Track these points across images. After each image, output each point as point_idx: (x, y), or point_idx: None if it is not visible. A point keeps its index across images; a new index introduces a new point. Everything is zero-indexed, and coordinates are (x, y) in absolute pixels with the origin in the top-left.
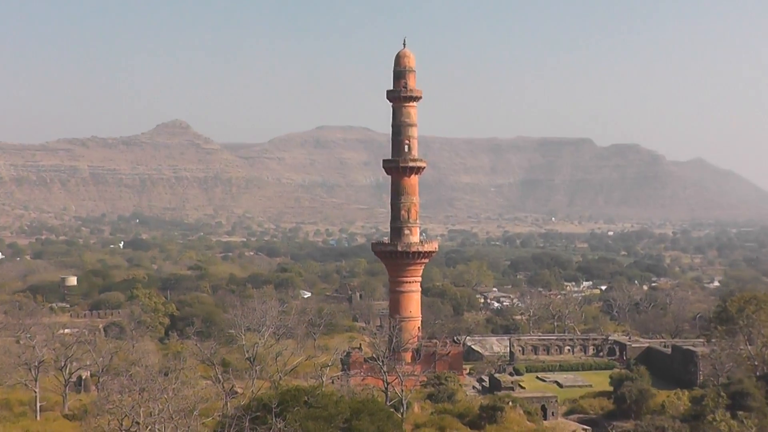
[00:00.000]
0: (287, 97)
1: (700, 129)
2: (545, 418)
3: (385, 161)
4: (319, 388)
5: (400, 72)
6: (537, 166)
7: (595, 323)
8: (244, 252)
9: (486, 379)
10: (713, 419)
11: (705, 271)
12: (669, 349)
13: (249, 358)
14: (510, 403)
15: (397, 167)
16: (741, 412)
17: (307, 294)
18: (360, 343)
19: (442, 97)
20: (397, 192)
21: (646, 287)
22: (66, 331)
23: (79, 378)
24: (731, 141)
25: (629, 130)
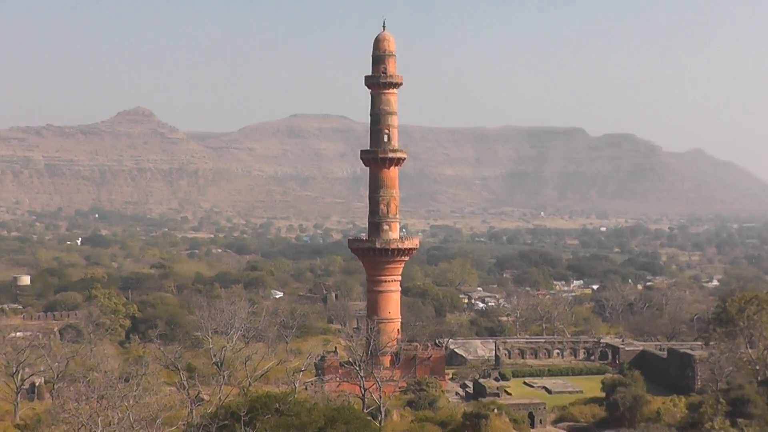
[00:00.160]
0: (259, 83)
1: (699, 118)
2: (533, 426)
3: (363, 152)
4: (292, 394)
5: (380, 56)
6: (525, 158)
7: (587, 325)
8: (211, 249)
9: (470, 384)
10: (712, 427)
11: (704, 269)
12: (665, 353)
13: (216, 363)
14: (495, 410)
15: (376, 158)
16: (741, 420)
17: (278, 294)
18: (335, 347)
19: (425, 83)
20: (375, 185)
21: (640, 287)
22: (18, 334)
23: (32, 385)
24: (732, 131)
25: (624, 120)
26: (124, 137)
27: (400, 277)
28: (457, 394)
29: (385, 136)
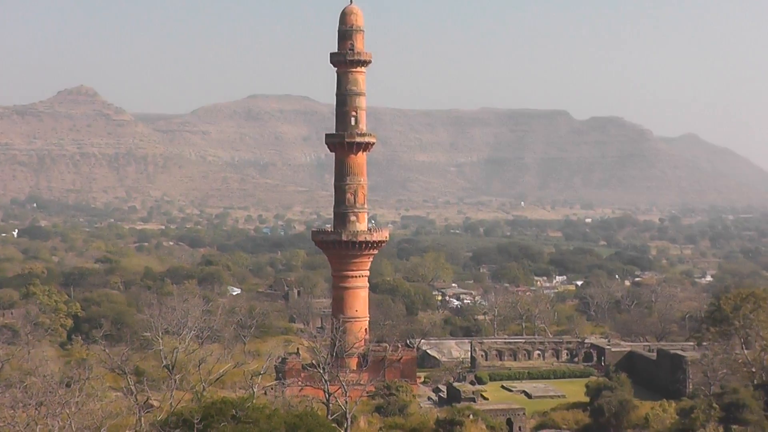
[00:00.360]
0: (213, 61)
1: (693, 100)
2: None
3: (327, 136)
4: (250, 400)
5: (346, 32)
6: (504, 143)
7: (570, 324)
8: (162, 242)
9: (443, 388)
10: None
11: (696, 264)
12: (654, 354)
13: (167, 366)
14: (471, 416)
15: (343, 143)
16: (736, 427)
17: (236, 291)
18: (297, 348)
19: (395, 61)
20: (341, 172)
21: (628, 283)
22: None
23: None
24: (729, 114)
25: (611, 102)
26: (65, 119)
27: (368, 273)
28: (429, 399)
29: (353, 119)
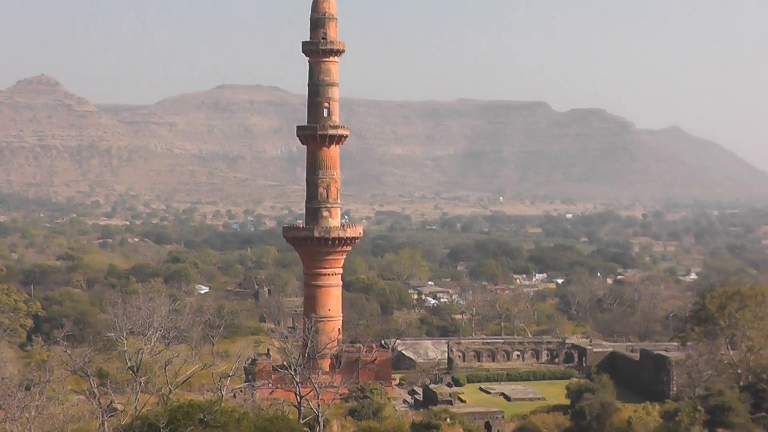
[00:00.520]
0: (180, 49)
1: (676, 91)
2: None
3: (299, 128)
4: (218, 403)
5: (319, 20)
6: (482, 135)
7: (550, 324)
8: (126, 238)
9: (419, 391)
10: None
11: (680, 261)
12: (637, 355)
13: (132, 368)
14: (448, 419)
15: (315, 135)
16: (721, 429)
17: (204, 289)
18: (268, 349)
19: (369, 51)
20: (314, 165)
21: (610, 280)
22: None
23: None
24: (714, 106)
25: (592, 93)
26: (25, 109)
27: (341, 270)
28: (405, 401)
29: (325, 111)
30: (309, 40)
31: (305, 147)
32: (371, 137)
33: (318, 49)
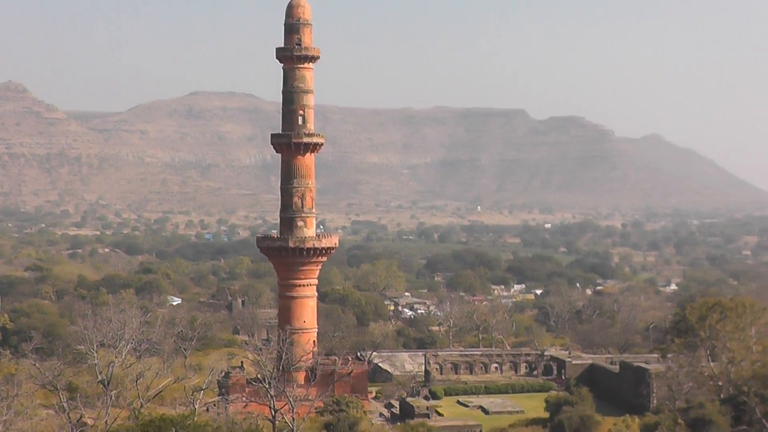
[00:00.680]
0: (152, 56)
1: (656, 99)
2: None
3: (273, 136)
4: (191, 417)
5: (293, 26)
6: (459, 143)
7: (529, 335)
8: (97, 248)
9: (396, 404)
10: None
11: (660, 271)
12: (617, 367)
13: (102, 381)
14: None
15: (289, 143)
16: None
17: (176, 300)
18: (242, 361)
19: (345, 57)
20: (288, 174)
21: (589, 291)
22: None
23: None
24: (693, 114)
25: (571, 100)
26: None
27: (316, 281)
28: (381, 415)
29: (300, 118)
30: (283, 46)
31: (280, 155)
32: (347, 145)
33: (292, 55)
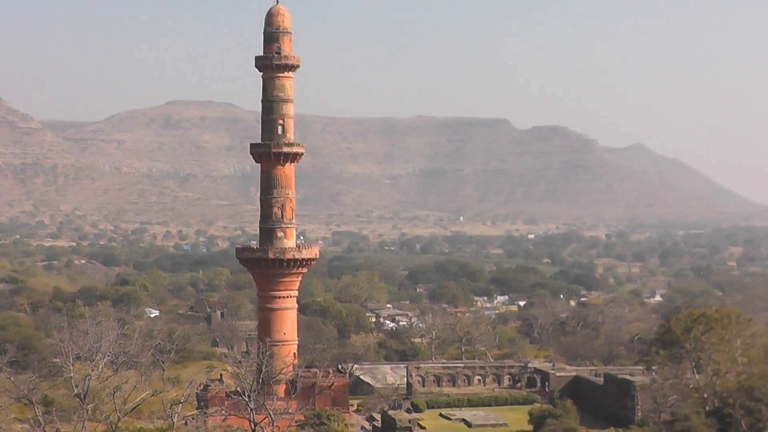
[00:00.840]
0: (129, 64)
1: (640, 109)
2: None
3: (252, 146)
4: (169, 431)
5: (273, 34)
6: (441, 153)
7: (512, 347)
8: (73, 260)
9: (378, 417)
10: None
11: (645, 282)
12: (601, 379)
13: (78, 395)
14: None
15: (269, 153)
16: None
17: (154, 312)
18: (221, 374)
19: (325, 66)
20: (268, 184)
21: (573, 303)
22: None
23: None
24: (678, 123)
25: (554, 110)
26: None
27: (296, 293)
28: (363, 428)
29: (279, 128)
30: (263, 54)
31: (259, 165)
32: (327, 155)
33: (272, 64)
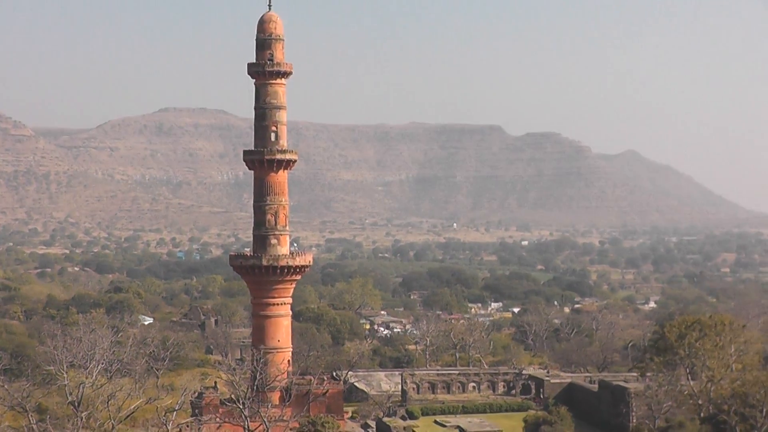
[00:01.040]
0: (122, 71)
1: (633, 116)
2: None
3: (245, 153)
4: None
5: (265, 41)
6: (434, 160)
7: (506, 354)
8: (66, 267)
9: (372, 424)
10: None
11: (639, 289)
12: (595, 386)
13: (72, 403)
14: None
15: (262, 160)
16: None
17: (147, 320)
18: (215, 382)
19: (318, 73)
20: (261, 191)
21: (567, 309)
22: None
23: None
24: (671, 130)
25: (547, 117)
26: None
27: (290, 300)
28: None
29: (272, 134)
30: (255, 61)
31: (252, 172)
32: (320, 162)
33: (264, 70)
